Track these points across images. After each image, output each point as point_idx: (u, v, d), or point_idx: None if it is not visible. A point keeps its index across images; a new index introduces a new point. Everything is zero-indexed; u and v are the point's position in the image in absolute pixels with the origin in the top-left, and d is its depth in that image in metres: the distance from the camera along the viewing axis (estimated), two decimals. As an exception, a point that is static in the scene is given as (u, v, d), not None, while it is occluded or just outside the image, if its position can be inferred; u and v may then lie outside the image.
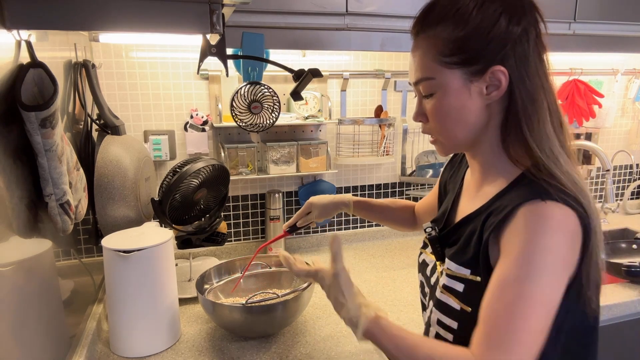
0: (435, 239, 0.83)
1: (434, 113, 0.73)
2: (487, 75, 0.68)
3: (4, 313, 0.66)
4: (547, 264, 0.62)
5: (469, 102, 0.70)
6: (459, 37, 0.68)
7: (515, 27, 0.67)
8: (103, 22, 0.73)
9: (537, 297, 0.62)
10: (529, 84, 0.68)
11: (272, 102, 1.28)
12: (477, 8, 0.67)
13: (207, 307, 1.17)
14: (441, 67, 0.70)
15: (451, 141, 0.75)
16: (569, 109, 2.05)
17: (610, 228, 2.01)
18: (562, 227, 0.63)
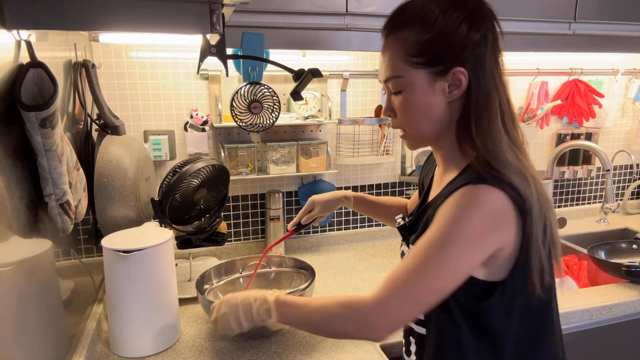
0: (404, 227, 0.91)
1: (401, 109, 0.80)
2: (449, 76, 0.75)
3: (4, 313, 0.66)
4: (460, 236, 0.70)
5: (433, 99, 0.77)
6: (425, 40, 0.75)
7: (474, 33, 0.74)
8: (103, 22, 0.73)
9: (442, 261, 0.70)
10: (484, 84, 0.75)
11: (272, 102, 1.28)
12: (441, 14, 0.74)
13: (207, 307, 1.17)
14: (409, 66, 0.76)
15: (417, 135, 0.82)
16: (569, 108, 2.05)
17: (610, 228, 2.01)
18: (485, 206, 0.70)
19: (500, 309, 0.77)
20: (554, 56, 1.97)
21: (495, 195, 0.70)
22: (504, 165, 0.73)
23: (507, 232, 0.72)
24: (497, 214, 0.70)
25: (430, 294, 0.73)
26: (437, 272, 0.71)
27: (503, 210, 0.70)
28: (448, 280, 0.72)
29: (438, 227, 0.72)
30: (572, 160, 2.13)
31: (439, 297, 0.73)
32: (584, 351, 1.36)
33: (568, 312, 1.29)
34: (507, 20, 1.49)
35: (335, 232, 1.87)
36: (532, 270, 0.74)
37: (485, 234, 0.70)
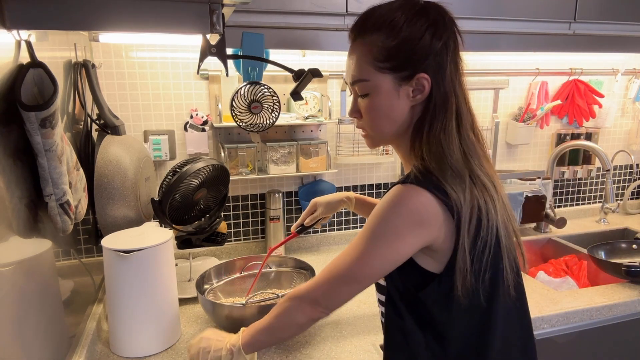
0: None
1: (367, 110, 0.84)
2: (414, 81, 0.78)
3: (4, 313, 0.66)
4: (381, 231, 0.76)
5: (397, 103, 0.80)
6: (391, 46, 0.77)
7: (437, 40, 0.77)
8: (103, 22, 0.73)
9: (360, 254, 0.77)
10: (443, 90, 0.78)
11: (272, 102, 1.28)
12: (407, 22, 0.76)
13: (207, 307, 1.17)
14: (375, 70, 0.79)
15: (378, 135, 0.86)
16: (569, 108, 2.05)
17: (610, 228, 2.01)
18: (407, 205, 0.74)
19: (439, 300, 0.79)
20: (554, 56, 1.97)
21: (420, 195, 0.74)
22: (441, 167, 0.76)
23: (432, 230, 0.75)
24: (419, 213, 0.74)
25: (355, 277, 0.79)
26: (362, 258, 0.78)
27: (425, 209, 0.74)
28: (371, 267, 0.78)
29: (367, 222, 0.79)
30: (572, 160, 2.13)
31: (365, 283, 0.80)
32: (584, 351, 1.36)
33: (568, 312, 1.29)
34: (507, 21, 1.49)
35: (335, 232, 1.87)
36: (456, 270, 0.76)
37: (405, 231, 0.75)
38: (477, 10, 1.44)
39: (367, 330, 1.21)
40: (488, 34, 1.49)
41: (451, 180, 0.75)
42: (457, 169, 0.76)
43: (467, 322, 0.80)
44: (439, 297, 0.78)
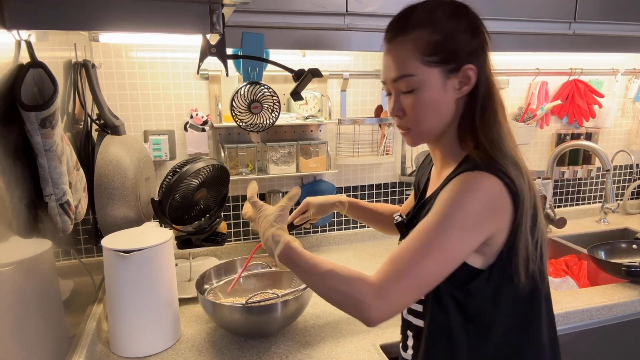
0: (402, 223, 0.94)
1: (413, 106, 0.82)
2: (460, 73, 0.80)
3: (4, 313, 0.66)
4: (457, 218, 0.73)
5: (444, 96, 0.81)
6: (437, 40, 0.78)
7: (477, 35, 0.81)
8: (103, 22, 0.73)
9: (440, 244, 0.73)
10: (486, 80, 0.81)
11: (272, 102, 1.28)
12: (449, 17, 0.79)
13: (207, 307, 1.17)
14: (423, 65, 0.79)
15: (425, 131, 0.85)
16: (569, 108, 2.05)
17: (610, 228, 2.01)
18: (481, 191, 0.73)
19: (487, 294, 0.79)
20: (554, 56, 1.97)
21: (492, 181, 0.74)
22: (502, 155, 0.77)
23: (502, 218, 0.75)
24: (493, 200, 0.74)
25: (428, 278, 0.75)
26: (437, 255, 0.73)
27: (499, 197, 0.74)
28: (446, 263, 0.75)
29: (436, 211, 0.75)
30: (572, 160, 2.13)
31: (436, 281, 0.76)
32: (584, 351, 1.36)
33: (568, 312, 1.29)
34: (507, 21, 1.49)
35: (335, 232, 1.87)
36: (519, 258, 0.77)
37: (482, 219, 0.74)
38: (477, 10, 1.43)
39: (367, 330, 1.21)
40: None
41: (512, 168, 0.76)
42: (512, 156, 0.78)
43: (512, 314, 0.81)
44: (487, 292, 0.79)
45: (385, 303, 0.75)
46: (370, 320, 0.76)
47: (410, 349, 0.91)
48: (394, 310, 0.76)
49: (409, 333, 0.92)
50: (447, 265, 0.75)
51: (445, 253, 0.74)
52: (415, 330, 0.89)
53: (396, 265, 0.76)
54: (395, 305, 0.76)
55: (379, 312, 0.75)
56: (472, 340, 0.82)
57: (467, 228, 0.73)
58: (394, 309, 0.76)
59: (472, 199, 0.73)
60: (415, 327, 0.89)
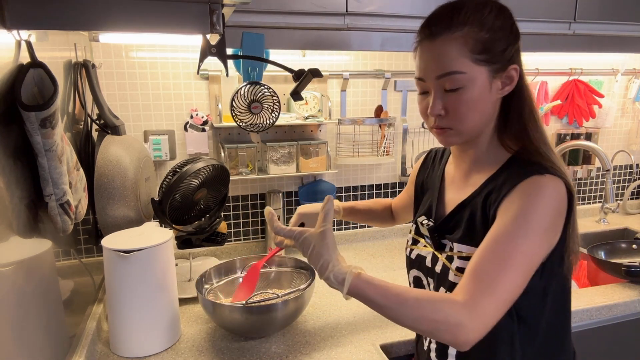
0: (434, 228, 0.91)
1: (458, 105, 0.80)
2: (505, 73, 0.80)
3: (4, 313, 0.66)
4: (538, 224, 0.73)
5: (488, 96, 0.81)
6: (486, 38, 0.78)
7: (517, 39, 0.82)
8: (103, 22, 0.73)
9: (525, 252, 0.72)
10: (524, 82, 0.83)
11: (272, 102, 1.28)
12: (496, 17, 0.79)
13: (207, 307, 1.17)
14: (472, 63, 0.78)
15: (467, 130, 0.83)
16: (569, 109, 2.05)
17: (610, 228, 2.01)
18: (555, 195, 0.75)
19: (538, 291, 0.80)
20: (554, 56, 1.97)
21: (560, 185, 0.76)
22: (553, 154, 0.80)
23: (564, 218, 0.77)
24: (562, 202, 0.76)
25: (517, 287, 0.73)
26: (523, 263, 0.73)
27: (564, 198, 0.76)
28: (530, 271, 0.74)
29: (512, 217, 0.74)
30: (572, 160, 2.13)
31: (522, 289, 0.74)
32: (584, 351, 1.35)
33: (568, 312, 1.29)
34: (507, 20, 1.49)
35: (335, 232, 1.87)
36: (570, 252, 0.80)
37: (556, 222, 0.76)
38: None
39: (367, 330, 1.21)
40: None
41: (561, 165, 0.79)
42: (555, 153, 0.81)
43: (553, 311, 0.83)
44: (538, 288, 0.80)
45: (481, 322, 0.70)
46: (467, 344, 0.71)
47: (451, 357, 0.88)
48: (489, 327, 0.72)
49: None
50: (530, 273, 0.75)
51: (529, 260, 0.73)
52: None
53: (483, 279, 0.71)
54: (490, 323, 0.71)
55: (475, 333, 0.70)
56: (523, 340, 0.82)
57: (545, 231, 0.74)
58: (489, 327, 0.72)
59: (547, 203, 0.74)
60: None
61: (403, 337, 1.18)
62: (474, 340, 0.71)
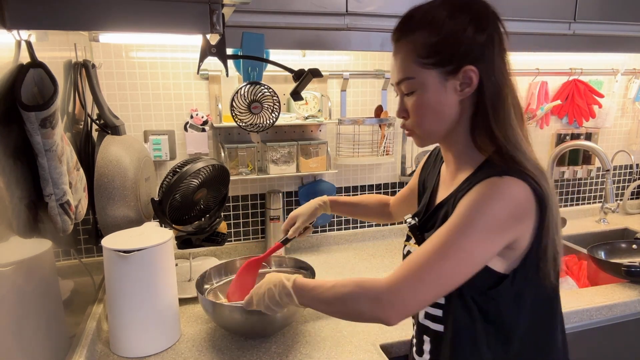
0: (415, 227, 0.92)
1: (415, 108, 0.82)
2: (460, 74, 0.78)
3: (4, 313, 0.66)
4: (483, 223, 0.72)
5: (445, 98, 0.80)
6: (434, 42, 0.77)
7: (481, 34, 0.77)
8: (103, 22, 0.73)
9: (463, 247, 0.72)
10: (495, 81, 0.78)
11: (272, 102, 1.28)
12: (448, 17, 0.77)
13: (207, 307, 1.17)
14: (420, 67, 0.79)
15: (428, 132, 0.85)
16: (569, 109, 2.05)
17: (610, 228, 2.01)
18: (508, 196, 0.72)
19: (510, 297, 0.79)
20: (554, 56, 1.97)
21: (520, 187, 0.73)
22: (525, 157, 0.76)
23: (527, 223, 0.75)
24: (521, 206, 0.73)
25: (446, 277, 0.74)
26: (456, 256, 0.73)
27: (526, 202, 0.74)
28: (465, 266, 0.74)
29: (459, 215, 0.74)
30: (572, 160, 2.13)
31: (456, 282, 0.75)
32: (584, 351, 1.36)
33: (568, 312, 1.29)
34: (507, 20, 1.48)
35: (335, 232, 1.87)
36: (547, 260, 0.77)
37: (507, 224, 0.73)
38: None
39: (367, 330, 1.21)
40: (488, 34, 1.49)
41: (537, 173, 0.75)
42: (533, 159, 0.77)
43: (532, 318, 0.82)
44: (509, 296, 0.79)
45: (399, 298, 0.74)
46: (388, 317, 0.75)
47: (427, 353, 0.90)
48: (411, 305, 0.76)
49: (425, 338, 0.90)
50: (467, 267, 0.74)
51: (465, 254, 0.73)
52: (434, 335, 0.88)
53: (411, 263, 0.75)
54: (410, 302, 0.75)
55: (393, 309, 0.75)
56: (493, 345, 0.82)
57: (491, 231, 0.73)
58: (410, 306, 0.75)
59: (499, 204, 0.72)
60: (434, 332, 0.87)
61: (403, 337, 1.18)
62: (394, 316, 0.75)
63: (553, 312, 0.85)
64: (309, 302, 0.87)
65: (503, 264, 0.78)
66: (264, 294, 0.92)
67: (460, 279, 0.75)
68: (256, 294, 0.96)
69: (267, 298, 0.91)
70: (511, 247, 0.76)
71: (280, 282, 0.90)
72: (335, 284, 0.82)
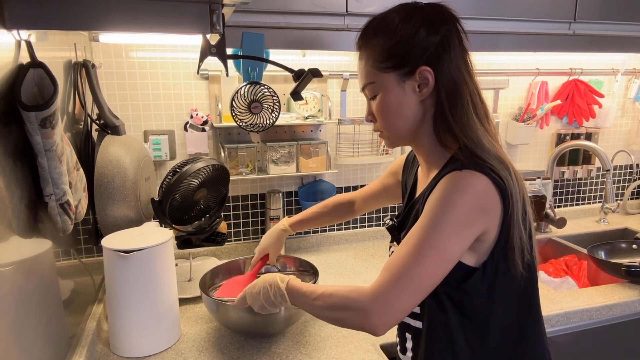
0: (392, 227, 0.94)
1: (378, 111, 0.86)
2: (417, 75, 0.80)
3: (4, 313, 0.66)
4: (449, 218, 0.73)
5: (405, 99, 0.82)
6: (390, 46, 0.81)
7: (434, 35, 0.79)
8: (103, 22, 0.73)
9: (435, 245, 0.74)
10: (451, 78, 0.80)
11: (272, 102, 1.28)
12: (401, 22, 0.80)
13: (211, 306, 1.17)
14: (379, 72, 0.82)
15: (394, 134, 0.87)
16: (569, 108, 2.05)
17: (610, 228, 2.01)
18: (470, 189, 0.74)
19: (482, 290, 0.80)
20: (554, 56, 1.97)
21: (479, 179, 0.75)
22: (484, 151, 0.78)
23: (492, 215, 0.76)
24: (482, 197, 0.75)
25: (426, 280, 0.75)
26: (431, 256, 0.74)
27: (487, 193, 0.75)
28: (442, 264, 0.75)
29: (427, 214, 0.76)
30: (572, 160, 2.13)
31: (434, 282, 0.76)
32: (584, 351, 1.36)
33: (568, 312, 1.29)
34: (507, 21, 1.49)
35: (335, 232, 1.87)
36: (514, 250, 0.78)
37: (473, 216, 0.74)
38: (477, 10, 1.44)
39: (367, 330, 1.21)
40: (488, 34, 1.49)
41: (496, 163, 0.76)
42: (495, 152, 0.78)
43: (508, 310, 0.82)
44: (482, 289, 0.80)
45: (384, 307, 0.75)
46: (374, 328, 0.76)
47: (409, 351, 0.91)
48: (395, 314, 0.76)
49: (407, 335, 0.92)
50: (444, 266, 0.76)
51: (440, 253, 0.74)
52: (414, 332, 0.89)
53: (391, 270, 0.77)
54: (395, 309, 0.76)
55: (380, 318, 0.76)
56: (470, 338, 0.82)
57: (459, 227, 0.74)
58: (395, 313, 0.76)
59: (461, 198, 0.74)
60: (414, 329, 0.89)
61: (403, 337, 1.18)
62: (381, 324, 0.76)
63: (529, 304, 0.86)
64: (300, 305, 0.90)
65: (473, 257, 0.80)
66: (259, 293, 0.95)
67: (438, 278, 0.76)
68: (250, 294, 0.98)
69: (263, 298, 0.94)
70: (480, 239, 0.77)
71: (276, 283, 0.93)
72: (324, 292, 0.84)
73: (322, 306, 0.84)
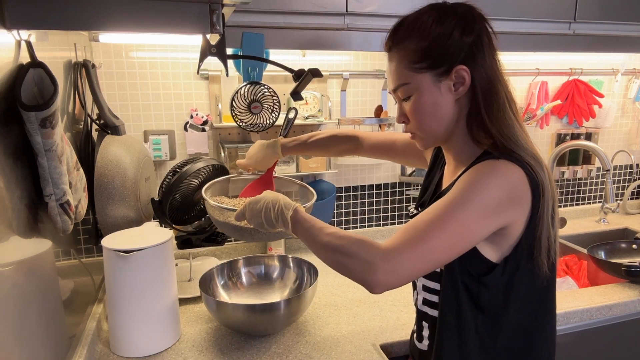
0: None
1: (413, 112, 0.85)
2: (453, 75, 0.80)
3: (4, 313, 0.66)
4: (481, 200, 0.73)
5: (441, 99, 0.82)
6: (424, 47, 0.81)
7: (468, 35, 0.80)
8: (103, 22, 0.73)
9: (460, 220, 0.73)
10: (487, 77, 0.81)
11: (272, 102, 1.28)
12: (434, 23, 0.80)
13: (211, 306, 1.17)
14: (413, 72, 0.82)
15: (429, 134, 0.87)
16: (569, 108, 2.05)
17: (610, 228, 2.01)
18: (504, 176, 0.75)
19: (501, 286, 0.80)
20: (554, 56, 1.97)
21: (516, 170, 0.75)
22: (520, 148, 0.78)
23: (521, 208, 0.76)
24: (515, 189, 0.75)
25: (440, 252, 0.74)
26: (453, 230, 0.73)
27: (520, 186, 0.75)
28: (459, 240, 0.74)
29: (458, 189, 0.75)
30: (572, 160, 2.13)
31: (447, 257, 0.76)
32: (584, 351, 1.36)
33: (568, 312, 1.29)
34: (507, 21, 1.49)
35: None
36: (541, 249, 0.78)
37: (502, 205, 0.74)
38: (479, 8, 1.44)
39: (367, 330, 1.21)
40: (488, 34, 1.49)
41: (534, 163, 0.77)
42: (532, 152, 0.79)
43: (523, 309, 0.82)
44: (500, 284, 0.80)
45: (393, 267, 0.74)
46: (375, 284, 0.74)
47: (426, 339, 0.93)
48: (400, 277, 0.75)
49: (424, 324, 0.93)
50: (460, 243, 0.75)
51: (463, 231, 0.73)
52: (432, 321, 0.90)
53: (410, 233, 0.75)
54: (402, 273, 0.74)
55: (385, 276, 0.74)
56: (481, 331, 0.83)
57: (487, 210, 0.73)
58: (401, 277, 0.75)
59: (497, 184, 0.74)
60: (431, 318, 0.90)
61: (403, 337, 1.18)
62: (383, 283, 0.74)
63: (546, 307, 0.86)
64: (303, 236, 0.87)
65: (495, 252, 0.80)
66: (261, 211, 0.90)
67: (452, 254, 0.76)
68: (250, 209, 0.92)
69: (264, 217, 0.90)
70: (503, 233, 0.77)
71: (280, 207, 0.89)
72: (333, 232, 0.82)
73: (327, 244, 0.81)
